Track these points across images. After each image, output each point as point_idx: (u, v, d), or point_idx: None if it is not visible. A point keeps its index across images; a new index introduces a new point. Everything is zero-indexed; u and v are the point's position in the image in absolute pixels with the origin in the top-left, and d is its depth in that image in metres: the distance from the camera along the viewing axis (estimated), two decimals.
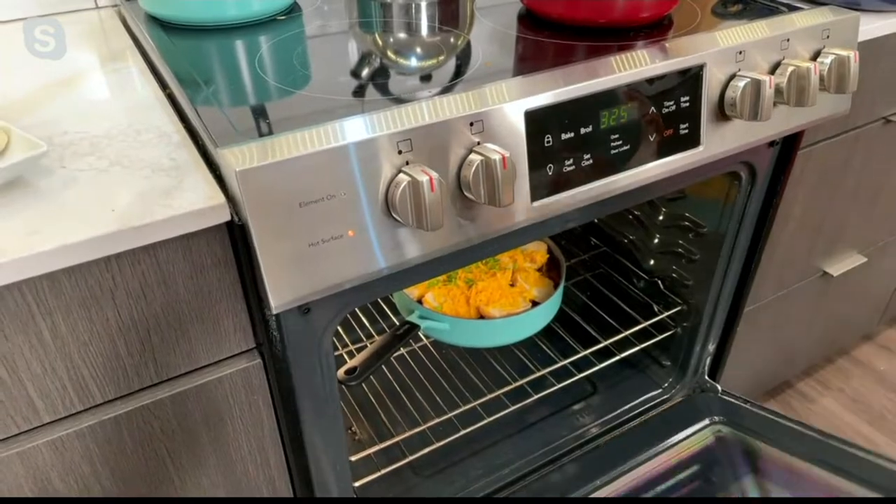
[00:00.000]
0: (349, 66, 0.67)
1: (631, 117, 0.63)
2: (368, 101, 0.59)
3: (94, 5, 0.90)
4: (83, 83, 0.68)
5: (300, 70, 0.65)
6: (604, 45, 0.69)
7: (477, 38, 0.74)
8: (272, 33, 0.75)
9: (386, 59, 0.69)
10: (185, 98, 0.61)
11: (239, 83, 0.63)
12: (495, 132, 0.56)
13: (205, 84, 0.62)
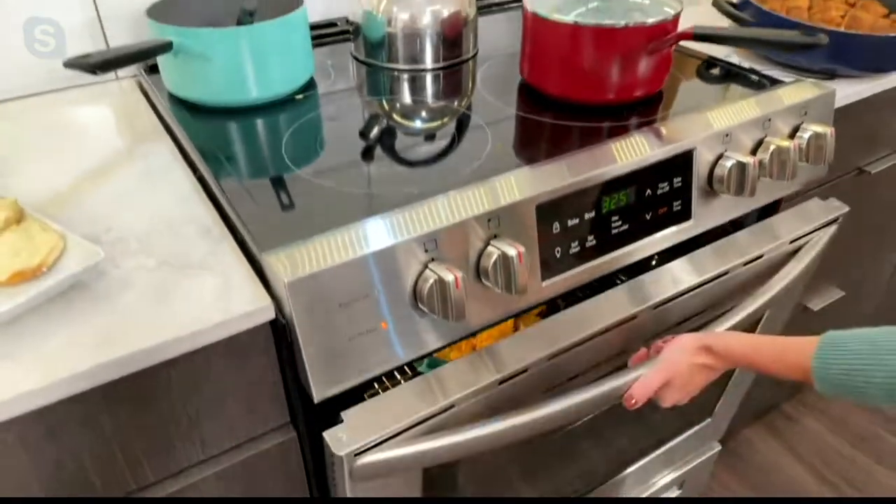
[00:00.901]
0: (367, 155, 0.73)
1: (630, 200, 0.69)
2: (392, 193, 0.64)
3: (115, 77, 0.94)
4: (119, 169, 0.73)
5: (324, 156, 0.71)
6: (602, 127, 0.75)
7: (483, 114, 0.80)
8: (293, 114, 0.80)
9: (401, 145, 0.75)
10: (217, 186, 0.66)
11: (267, 170, 0.69)
12: (510, 225, 0.61)
13: (234, 171, 0.68)
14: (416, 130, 0.78)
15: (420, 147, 0.74)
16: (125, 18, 0.91)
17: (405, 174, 0.68)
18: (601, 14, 0.77)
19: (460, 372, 0.63)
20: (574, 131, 0.76)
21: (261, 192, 0.65)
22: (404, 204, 0.60)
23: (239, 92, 0.79)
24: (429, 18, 0.91)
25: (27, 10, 0.84)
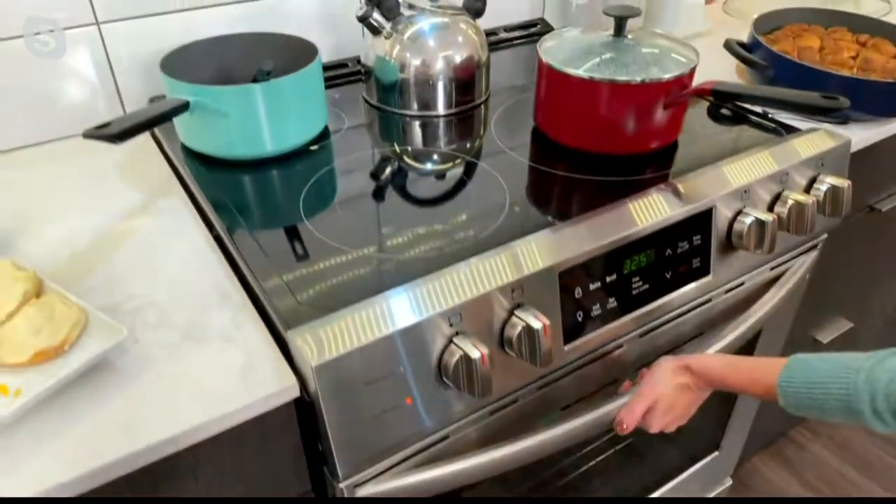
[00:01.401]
0: (385, 211, 0.72)
1: (650, 260, 0.69)
2: (412, 256, 0.64)
3: None
4: (136, 227, 0.72)
5: (341, 214, 0.70)
6: (619, 182, 0.75)
7: (498, 165, 0.79)
8: (308, 167, 0.80)
9: (417, 200, 0.74)
10: (235, 248, 0.66)
11: (285, 230, 0.69)
12: (533, 293, 0.61)
13: (251, 230, 0.68)
14: (431, 185, 0.78)
15: (438, 204, 0.73)
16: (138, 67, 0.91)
17: (424, 235, 0.68)
18: (616, 65, 0.77)
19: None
20: (590, 186, 0.75)
21: (279, 256, 0.64)
22: (426, 271, 0.60)
23: (254, 146, 0.79)
24: (441, 64, 0.90)
25: (47, 72, 0.84)
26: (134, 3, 0.86)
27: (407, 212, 0.72)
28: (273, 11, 0.96)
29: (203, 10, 0.91)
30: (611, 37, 0.81)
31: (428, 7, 0.91)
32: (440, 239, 0.66)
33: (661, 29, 1.23)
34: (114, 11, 0.86)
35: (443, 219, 0.70)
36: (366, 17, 0.87)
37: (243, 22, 0.95)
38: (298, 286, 0.60)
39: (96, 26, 0.86)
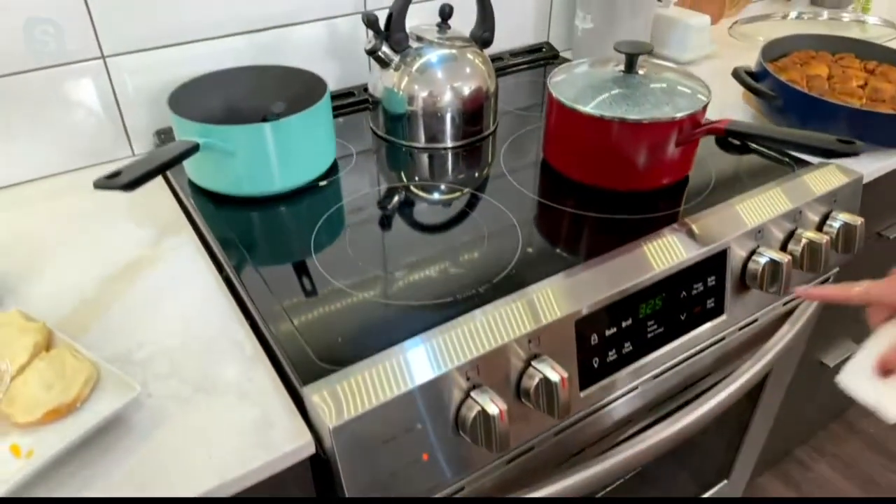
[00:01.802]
0: (396, 251, 0.72)
1: (665, 303, 0.68)
2: (425, 302, 0.63)
3: (131, 153, 0.93)
4: (144, 268, 0.71)
5: (352, 255, 0.69)
6: (631, 221, 0.74)
7: (508, 201, 0.79)
8: (317, 204, 0.79)
9: (427, 239, 0.74)
10: (245, 292, 0.65)
11: (295, 273, 0.68)
12: (549, 342, 0.60)
13: (260, 272, 0.67)
14: (442, 222, 0.77)
15: (450, 243, 0.72)
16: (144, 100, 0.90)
17: (437, 278, 0.67)
18: (627, 102, 0.76)
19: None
20: (602, 225, 0.75)
21: (291, 300, 0.64)
22: (441, 318, 0.59)
23: (263, 184, 0.78)
24: (450, 96, 0.90)
25: (52, 106, 0.83)
26: (139, 37, 0.86)
27: (419, 252, 0.71)
28: (278, 42, 0.96)
29: (207, 42, 0.91)
30: (621, 72, 0.81)
31: (436, 39, 0.91)
32: (454, 282, 0.66)
33: (668, 52, 1.23)
34: (119, 45, 0.85)
35: (455, 259, 0.69)
36: (374, 50, 0.87)
37: (248, 52, 0.94)
38: (311, 333, 0.60)
39: (102, 60, 0.85)
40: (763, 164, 0.85)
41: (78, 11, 0.81)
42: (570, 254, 0.70)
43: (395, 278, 0.67)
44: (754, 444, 1.11)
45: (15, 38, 0.79)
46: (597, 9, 1.14)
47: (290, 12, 0.95)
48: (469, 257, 0.70)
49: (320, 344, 0.59)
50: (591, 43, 1.18)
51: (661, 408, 0.77)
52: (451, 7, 0.92)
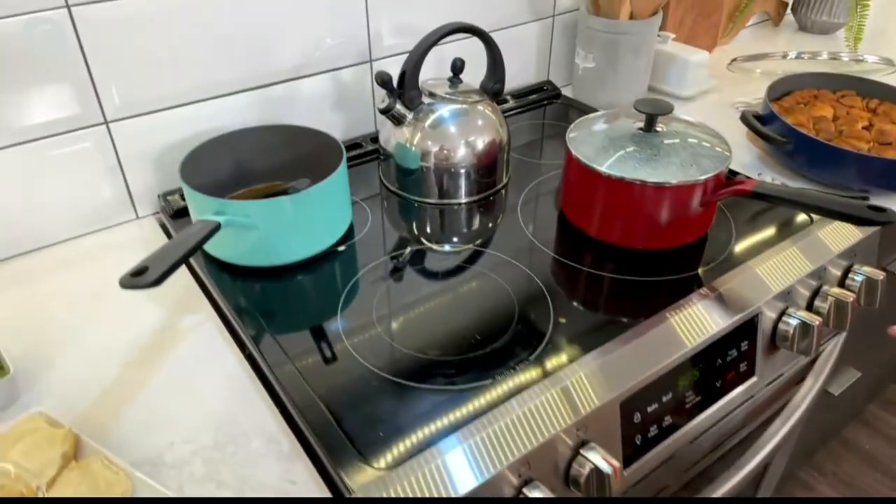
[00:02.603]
0: (424, 322, 0.70)
1: (701, 374, 0.68)
2: (466, 387, 0.61)
3: (135, 216, 0.90)
4: (164, 351, 0.68)
5: (379, 331, 0.68)
6: (656, 282, 0.74)
7: (529, 261, 0.78)
8: (337, 272, 0.77)
9: (453, 315, 0.72)
10: (271, 373, 0.63)
11: (321, 350, 0.66)
12: (595, 426, 0.59)
13: (286, 352, 0.65)
14: (467, 289, 0.75)
15: (478, 312, 0.71)
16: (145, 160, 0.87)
17: (468, 353, 0.65)
18: (649, 161, 0.76)
19: None
20: (628, 288, 0.74)
21: (320, 383, 0.61)
22: (482, 408, 0.58)
23: (283, 255, 0.76)
24: (464, 151, 0.88)
25: (55, 174, 0.80)
26: (142, 100, 0.83)
27: (448, 321, 0.69)
28: (283, 96, 0.94)
29: (211, 102, 0.88)
30: (640, 129, 0.80)
31: (448, 94, 0.89)
32: (490, 360, 0.64)
33: (668, 88, 1.23)
34: (122, 109, 0.82)
35: (485, 329, 0.68)
36: (388, 109, 0.85)
37: (253, 108, 0.92)
38: (349, 424, 0.58)
39: (105, 126, 0.82)
40: (780, 214, 0.85)
41: (80, 78, 0.78)
42: (603, 325, 0.69)
43: (428, 355, 0.65)
44: (772, 477, 1.12)
45: (20, 106, 0.75)
46: (599, 48, 1.14)
47: (297, 67, 0.93)
48: (499, 326, 0.68)
49: (361, 439, 0.57)
50: (593, 81, 1.18)
51: (694, 468, 0.77)
52: (463, 61, 0.91)
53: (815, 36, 1.54)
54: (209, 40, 0.84)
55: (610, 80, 1.17)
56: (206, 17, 0.83)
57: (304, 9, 0.90)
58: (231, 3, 0.83)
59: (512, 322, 0.69)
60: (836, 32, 1.54)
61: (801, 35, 1.56)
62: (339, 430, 0.58)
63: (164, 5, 0.79)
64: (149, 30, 0.79)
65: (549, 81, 1.22)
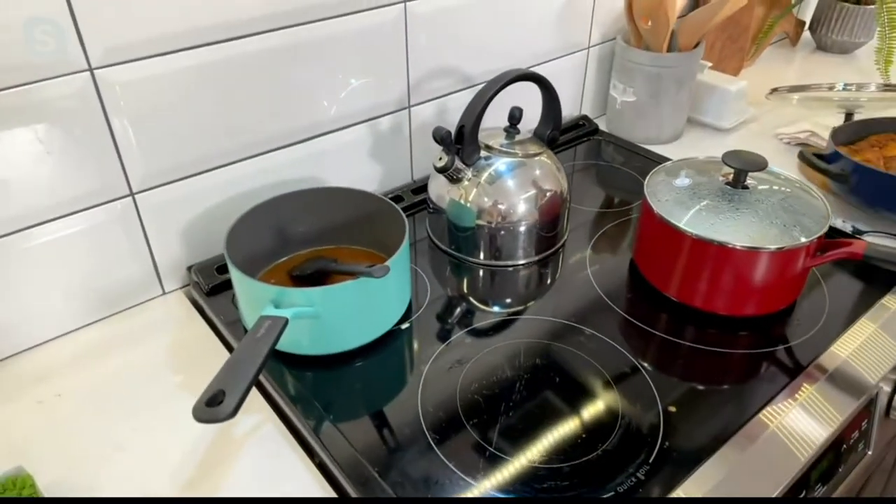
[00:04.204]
0: (516, 415, 0.62)
1: (829, 464, 0.62)
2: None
3: (161, 291, 0.80)
4: (224, 468, 0.59)
5: (468, 431, 0.60)
6: (758, 356, 0.68)
7: (614, 333, 0.71)
8: (402, 356, 0.69)
9: (546, 409, 0.65)
10: (351, 487, 0.55)
11: (403, 450, 0.58)
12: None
13: (365, 461, 0.57)
14: (555, 368, 0.67)
15: (572, 399, 0.63)
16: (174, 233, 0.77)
17: (576, 459, 0.58)
18: (741, 223, 0.69)
19: None
20: (729, 366, 0.68)
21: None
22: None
23: (347, 341, 0.68)
24: (524, 207, 0.81)
25: (79, 251, 0.70)
26: (167, 168, 0.73)
27: (546, 413, 0.62)
28: (315, 151, 0.85)
29: (238, 165, 0.79)
30: (727, 185, 0.74)
31: (505, 147, 0.82)
32: (602, 466, 0.57)
33: (708, 119, 1.17)
34: (148, 179, 0.73)
35: (587, 421, 0.60)
36: (447, 168, 0.77)
37: (283, 167, 0.83)
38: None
39: (131, 197, 0.72)
40: (863, 275, 0.80)
41: (105, 147, 0.68)
42: (719, 415, 0.62)
43: (531, 463, 0.57)
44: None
45: (39, 184, 0.65)
46: (641, 82, 1.08)
47: (334, 119, 0.84)
48: (599, 417, 0.61)
49: None
50: (632, 115, 1.12)
51: None
52: (521, 110, 0.83)
53: (833, 56, 1.51)
54: (240, 98, 0.75)
55: (651, 114, 1.11)
56: (237, 75, 0.73)
57: (344, 59, 0.81)
58: (262, 60, 0.75)
59: (613, 409, 0.62)
60: (856, 52, 1.51)
61: (819, 54, 1.53)
62: None
63: (186, 64, 0.70)
64: (173, 91, 0.70)
65: (584, 116, 1.15)
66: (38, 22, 0.59)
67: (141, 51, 0.66)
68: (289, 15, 0.74)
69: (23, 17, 0.58)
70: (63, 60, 0.62)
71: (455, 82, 0.95)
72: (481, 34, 0.94)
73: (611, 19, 1.12)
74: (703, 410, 0.62)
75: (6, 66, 0.59)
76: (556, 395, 0.64)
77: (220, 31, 0.70)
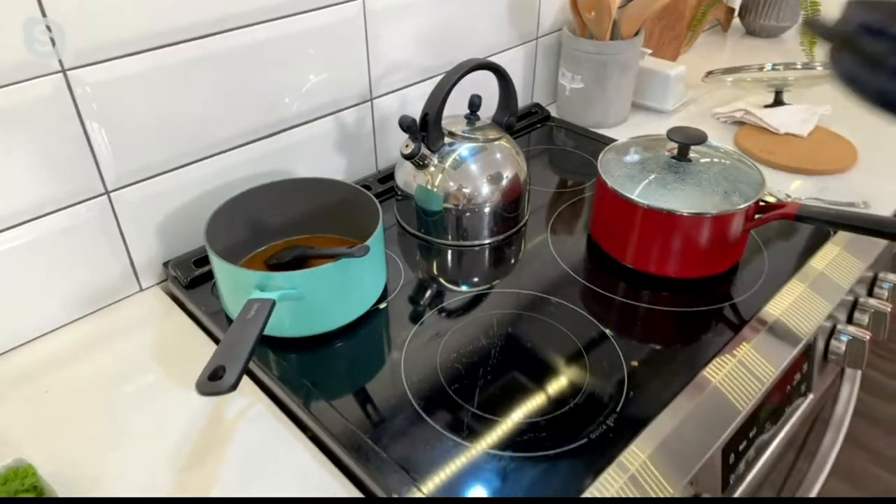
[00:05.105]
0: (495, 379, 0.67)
1: (775, 405, 0.69)
2: (561, 453, 0.59)
3: (139, 287, 0.82)
4: (222, 450, 0.62)
5: (450, 395, 0.64)
6: (708, 313, 0.74)
7: (578, 300, 0.76)
8: (385, 330, 0.73)
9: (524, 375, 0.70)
10: (355, 462, 0.59)
11: (397, 420, 0.62)
12: (703, 479, 0.59)
13: (356, 429, 0.61)
14: (527, 334, 0.72)
15: (546, 361, 0.68)
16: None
17: (551, 413, 0.63)
18: (683, 186, 0.76)
19: None
20: (680, 322, 0.74)
21: (416, 471, 0.57)
22: (585, 473, 0.56)
23: (328, 321, 0.71)
24: (488, 189, 0.86)
25: (56, 252, 0.71)
26: (142, 165, 0.75)
27: (514, 374, 0.67)
28: (283, 145, 0.88)
29: (211, 160, 0.81)
30: (672, 158, 0.80)
31: (467, 133, 0.86)
32: (578, 416, 0.62)
33: (652, 103, 1.25)
34: (123, 177, 0.74)
35: (560, 383, 0.66)
36: (414, 154, 0.81)
37: (254, 161, 0.85)
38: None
39: (106, 196, 0.74)
40: (797, 230, 0.87)
41: (79, 147, 0.70)
42: (675, 368, 0.68)
43: (511, 420, 0.62)
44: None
45: (15, 185, 0.67)
46: (588, 69, 1.14)
47: (300, 114, 0.87)
48: (570, 375, 0.67)
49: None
50: (582, 101, 1.18)
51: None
52: (481, 97, 0.88)
53: (762, 40, 1.61)
54: (209, 96, 0.77)
55: (598, 100, 1.17)
56: (206, 73, 0.76)
57: (307, 55, 0.84)
58: (231, 56, 0.77)
59: (582, 369, 0.67)
60: (782, 35, 1.61)
61: (749, 39, 1.63)
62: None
63: (155, 64, 0.72)
64: (144, 89, 0.72)
65: (536, 104, 1.21)
66: (18, 25, 0.61)
67: (110, 52, 0.68)
68: (252, 14, 0.77)
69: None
70: (36, 62, 0.64)
71: (413, 74, 0.99)
72: (436, 28, 0.98)
73: (556, 10, 1.18)
74: (660, 364, 0.68)
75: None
76: (529, 359, 0.69)
77: (186, 31, 0.72)
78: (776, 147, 1.09)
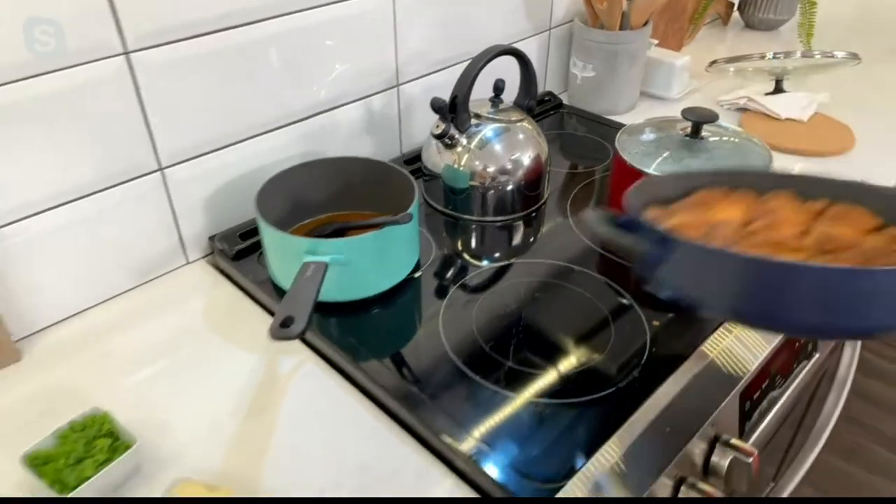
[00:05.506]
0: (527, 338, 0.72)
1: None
2: (592, 400, 0.65)
3: (185, 260, 0.87)
4: (277, 401, 0.67)
5: (488, 352, 0.69)
6: None
7: (603, 270, 0.82)
8: (418, 298, 0.78)
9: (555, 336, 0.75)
10: (409, 414, 0.64)
11: (441, 374, 0.67)
12: (723, 420, 0.64)
13: (414, 389, 0.66)
14: (559, 303, 0.78)
15: (575, 327, 0.74)
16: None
17: (583, 366, 0.68)
18: (698, 161, 0.82)
19: None
20: None
21: (461, 417, 0.63)
22: (615, 419, 0.62)
23: (368, 288, 0.76)
24: (511, 168, 0.91)
25: (109, 225, 0.76)
26: (191, 144, 0.80)
27: (551, 334, 0.72)
28: (318, 128, 0.93)
29: (256, 139, 0.86)
30: (686, 136, 0.86)
31: (492, 114, 0.92)
32: (605, 369, 0.68)
33: (658, 91, 1.30)
34: (176, 154, 0.80)
35: (591, 342, 0.71)
36: (444, 134, 0.87)
37: (293, 142, 0.91)
38: (498, 455, 0.59)
39: (160, 172, 0.79)
40: None
41: (137, 127, 0.75)
42: (695, 325, 0.74)
43: (545, 372, 0.68)
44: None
45: (81, 161, 0.72)
46: (599, 59, 1.20)
47: (333, 98, 0.93)
48: (599, 336, 0.72)
49: (518, 464, 0.59)
50: (593, 89, 1.24)
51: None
52: (504, 82, 0.93)
53: (761, 32, 1.68)
54: (251, 80, 0.83)
55: (608, 88, 1.23)
56: (252, 57, 0.81)
57: (343, 42, 0.90)
58: (275, 41, 0.83)
59: (607, 333, 0.73)
60: (780, 28, 1.68)
61: (748, 32, 1.69)
62: (501, 467, 0.59)
63: (212, 47, 0.77)
64: (198, 72, 0.77)
65: (549, 92, 1.26)
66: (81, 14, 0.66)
67: (171, 35, 0.73)
68: (291, 3, 0.82)
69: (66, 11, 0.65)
70: (101, 45, 0.69)
71: (434, 63, 1.04)
72: (455, 19, 1.03)
73: (568, 1, 1.24)
74: (681, 323, 0.74)
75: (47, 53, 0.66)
76: (557, 320, 0.75)
77: (239, 15, 0.78)
78: (778, 131, 1.15)
